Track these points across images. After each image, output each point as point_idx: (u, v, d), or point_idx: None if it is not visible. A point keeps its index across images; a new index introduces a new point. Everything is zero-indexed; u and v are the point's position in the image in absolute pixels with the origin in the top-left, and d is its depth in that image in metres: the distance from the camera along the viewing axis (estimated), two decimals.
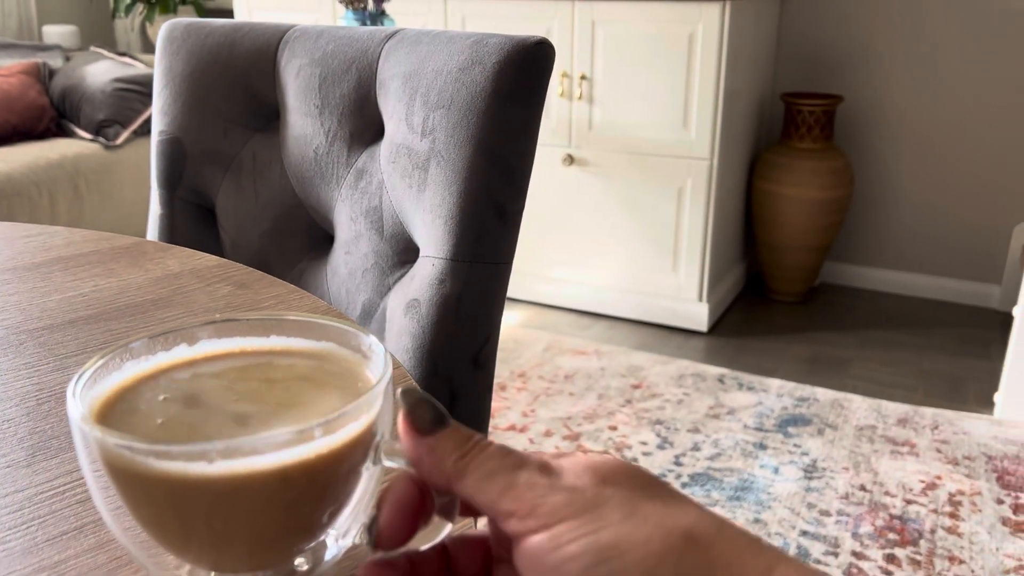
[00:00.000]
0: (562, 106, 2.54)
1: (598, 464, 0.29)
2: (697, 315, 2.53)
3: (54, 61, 3.25)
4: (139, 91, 3.03)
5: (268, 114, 0.99)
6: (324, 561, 0.37)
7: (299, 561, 0.37)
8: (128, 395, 0.35)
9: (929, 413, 2.06)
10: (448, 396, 0.84)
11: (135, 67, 3.13)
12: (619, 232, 2.56)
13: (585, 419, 2.02)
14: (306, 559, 0.37)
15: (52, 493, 0.45)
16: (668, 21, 2.34)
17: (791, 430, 1.98)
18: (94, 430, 0.30)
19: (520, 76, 0.80)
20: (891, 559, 1.54)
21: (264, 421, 0.33)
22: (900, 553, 1.56)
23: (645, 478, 0.29)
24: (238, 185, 1.00)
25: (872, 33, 2.70)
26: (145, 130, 3.02)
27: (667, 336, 2.53)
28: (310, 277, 0.97)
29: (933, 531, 1.62)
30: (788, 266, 2.73)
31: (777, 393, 2.16)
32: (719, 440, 1.93)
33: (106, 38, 4.40)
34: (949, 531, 1.62)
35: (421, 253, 0.86)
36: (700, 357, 2.39)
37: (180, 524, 0.32)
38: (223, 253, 1.02)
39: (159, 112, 1.02)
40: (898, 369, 2.34)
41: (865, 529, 1.62)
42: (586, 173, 2.56)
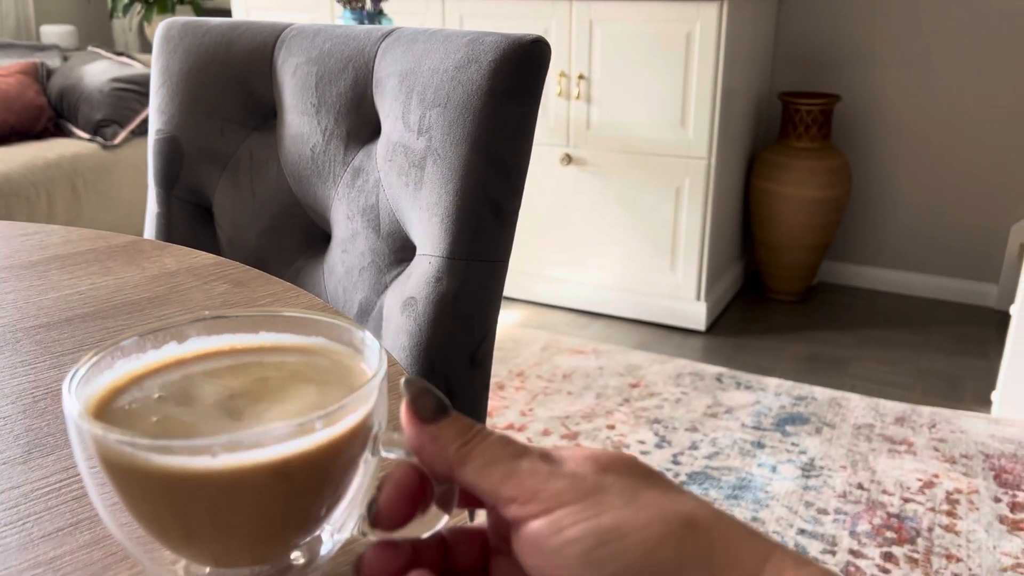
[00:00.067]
0: (560, 106, 2.54)
1: (598, 454, 0.30)
2: (695, 314, 2.53)
3: (52, 61, 3.25)
4: (137, 91, 3.03)
5: (265, 113, 0.99)
6: (320, 556, 0.37)
7: (295, 555, 0.37)
8: (121, 393, 0.35)
9: (927, 412, 2.07)
10: (445, 394, 0.84)
11: (133, 67, 3.13)
12: (617, 231, 2.56)
13: (583, 418, 2.02)
14: (302, 553, 0.37)
15: (48, 490, 0.45)
16: (666, 20, 2.34)
17: (789, 429, 1.98)
18: (95, 427, 0.30)
19: (516, 74, 0.80)
20: (888, 557, 1.54)
21: (258, 416, 0.34)
22: (897, 551, 1.56)
23: (644, 469, 0.30)
24: (235, 184, 1.00)
25: (870, 32, 2.70)
26: (143, 130, 3.02)
27: (665, 335, 2.53)
28: (307, 275, 0.97)
29: (930, 529, 1.62)
30: (786, 265, 2.73)
31: (775, 392, 2.16)
32: (717, 439, 1.93)
33: (104, 38, 4.39)
34: (946, 529, 1.62)
35: (418, 251, 0.86)
36: (698, 356, 2.39)
37: (181, 519, 0.32)
38: (220, 252, 1.02)
39: (156, 111, 1.02)
40: (896, 368, 2.34)
41: (863, 527, 1.63)
42: (584, 173, 2.56)
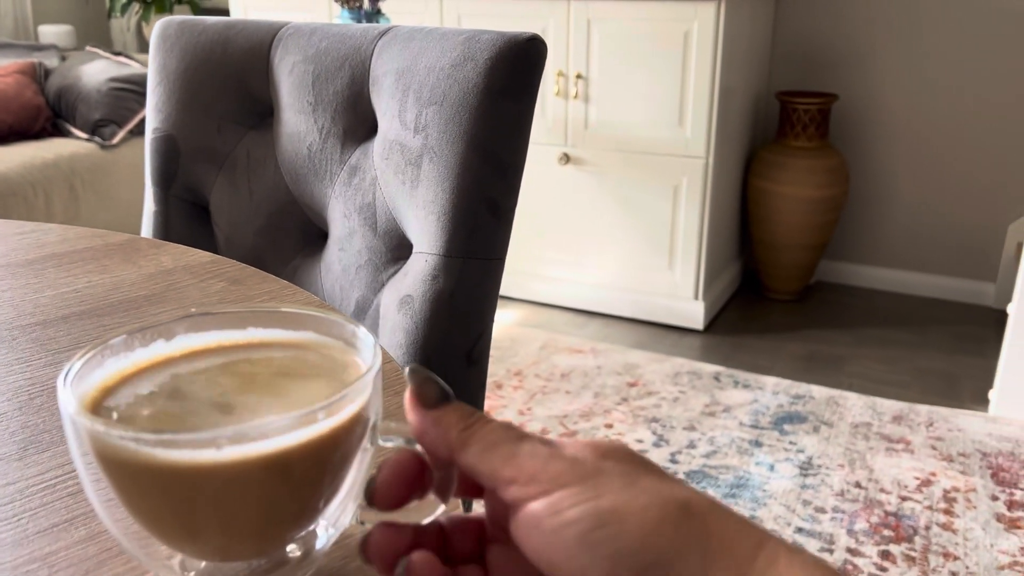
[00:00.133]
0: (558, 105, 2.54)
1: (598, 442, 0.31)
2: (693, 313, 2.53)
3: (50, 61, 3.24)
4: (135, 91, 3.03)
5: (262, 111, 0.99)
6: (315, 550, 0.37)
7: (291, 548, 0.37)
8: (112, 391, 0.35)
9: (924, 410, 2.07)
10: None
11: (131, 67, 3.13)
12: (615, 231, 2.56)
13: (581, 417, 2.02)
14: (298, 546, 0.37)
15: (43, 486, 0.45)
16: (663, 20, 2.34)
17: (787, 427, 1.98)
18: (96, 424, 0.30)
19: (512, 72, 0.80)
20: (886, 555, 1.55)
21: (251, 410, 0.34)
22: (895, 549, 1.56)
23: (642, 458, 0.31)
24: (232, 182, 1.00)
25: (867, 31, 2.70)
26: (141, 130, 3.02)
27: (663, 334, 2.53)
28: (304, 274, 0.98)
29: (928, 528, 1.62)
30: (784, 264, 2.73)
31: (773, 391, 2.16)
32: (715, 438, 1.93)
33: (102, 38, 4.39)
34: (944, 527, 1.62)
35: (414, 249, 0.86)
36: (696, 355, 2.39)
37: (184, 513, 0.32)
38: (217, 250, 1.02)
39: (153, 110, 1.02)
40: (893, 367, 2.34)
41: (860, 526, 1.63)
42: (582, 172, 2.56)
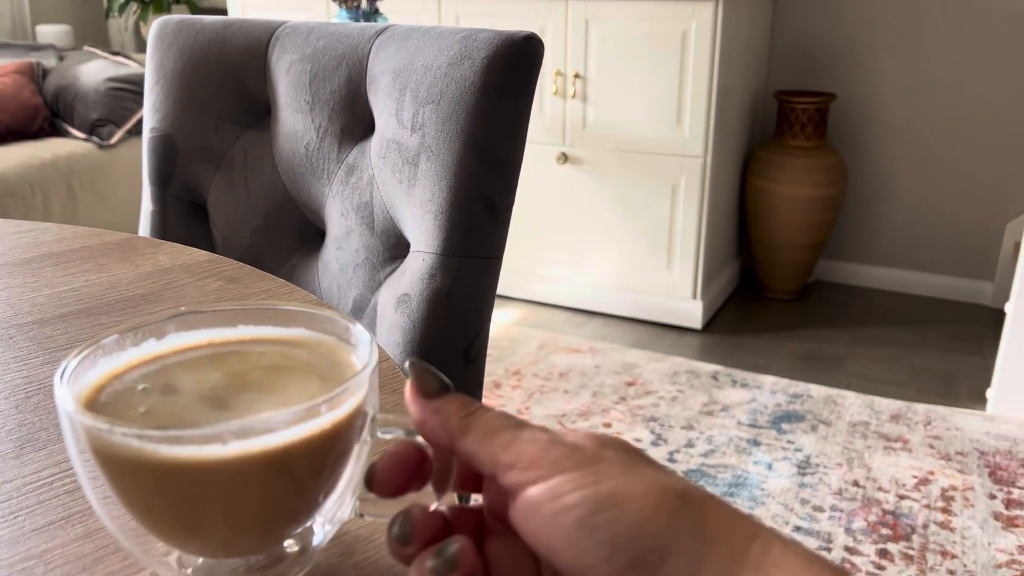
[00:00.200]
0: (556, 104, 2.54)
1: (596, 433, 0.31)
2: (691, 312, 2.53)
3: (48, 61, 3.24)
4: (133, 90, 3.03)
5: (259, 110, 0.99)
6: (312, 545, 0.37)
7: (288, 544, 0.37)
8: (104, 389, 0.35)
9: (922, 409, 2.07)
10: None
11: (129, 66, 3.13)
12: (613, 230, 2.56)
13: (580, 416, 2.02)
14: (295, 542, 0.37)
15: (40, 484, 0.45)
16: (661, 19, 2.34)
17: (785, 426, 1.99)
18: (97, 421, 0.30)
19: (509, 71, 0.80)
20: (884, 554, 1.55)
21: (245, 406, 0.34)
22: (893, 548, 1.56)
23: (640, 451, 0.31)
24: (229, 181, 1.00)
25: (865, 31, 2.71)
26: (139, 129, 3.01)
27: (661, 333, 2.53)
28: (302, 273, 0.98)
29: (926, 526, 1.63)
30: (782, 263, 2.73)
31: (771, 390, 2.16)
32: (713, 437, 1.94)
33: (100, 38, 4.39)
34: (941, 526, 1.63)
35: (412, 248, 0.86)
36: (694, 354, 2.40)
37: (184, 510, 0.32)
38: (215, 249, 1.02)
39: (150, 109, 1.02)
40: (891, 366, 2.35)
41: (858, 524, 1.63)
42: (580, 171, 2.56)
